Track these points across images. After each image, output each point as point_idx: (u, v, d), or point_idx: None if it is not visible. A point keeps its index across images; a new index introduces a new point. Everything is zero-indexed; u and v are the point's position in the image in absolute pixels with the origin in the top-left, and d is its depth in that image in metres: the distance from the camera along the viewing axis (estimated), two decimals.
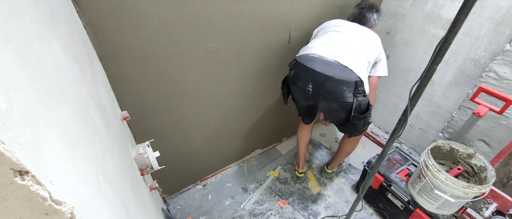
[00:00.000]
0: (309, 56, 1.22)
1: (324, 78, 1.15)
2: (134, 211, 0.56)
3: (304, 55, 1.25)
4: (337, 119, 1.32)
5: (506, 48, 1.28)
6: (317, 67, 1.16)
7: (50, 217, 0.24)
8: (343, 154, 1.67)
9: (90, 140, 0.42)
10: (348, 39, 1.26)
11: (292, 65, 1.28)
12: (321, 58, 1.19)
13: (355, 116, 1.20)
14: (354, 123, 1.24)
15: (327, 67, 1.16)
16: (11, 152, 0.20)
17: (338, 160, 1.74)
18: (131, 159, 0.80)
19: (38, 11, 0.38)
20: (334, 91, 1.15)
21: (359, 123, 1.25)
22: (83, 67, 0.58)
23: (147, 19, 0.94)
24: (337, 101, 1.18)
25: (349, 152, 1.64)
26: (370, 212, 1.63)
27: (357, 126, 1.27)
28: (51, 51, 0.38)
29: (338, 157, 1.72)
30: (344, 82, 1.13)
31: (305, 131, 1.66)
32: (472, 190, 1.12)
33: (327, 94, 1.17)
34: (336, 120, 1.34)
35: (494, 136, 1.43)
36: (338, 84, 1.14)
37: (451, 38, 0.59)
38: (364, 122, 1.26)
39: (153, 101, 1.17)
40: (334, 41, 1.26)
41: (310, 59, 1.21)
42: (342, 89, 1.14)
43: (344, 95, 1.15)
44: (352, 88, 1.14)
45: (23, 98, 0.24)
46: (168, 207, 1.61)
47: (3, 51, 0.23)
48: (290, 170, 1.88)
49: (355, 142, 1.56)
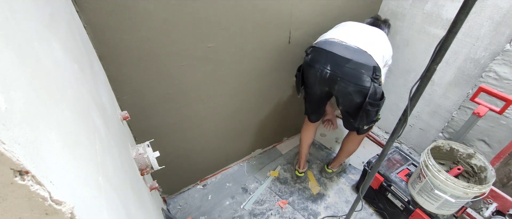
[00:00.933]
0: (328, 40, 1.24)
1: (344, 60, 1.15)
2: (134, 211, 0.56)
3: (322, 40, 1.26)
4: (351, 104, 1.27)
5: (506, 48, 1.28)
6: (336, 50, 1.17)
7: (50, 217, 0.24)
8: (345, 154, 1.66)
9: (90, 140, 0.42)
10: (367, 31, 1.31)
11: (308, 51, 1.28)
12: (341, 42, 1.21)
13: (369, 102, 1.19)
14: (367, 110, 1.22)
15: (346, 51, 1.17)
16: (11, 152, 0.20)
17: (339, 160, 1.74)
18: (131, 159, 0.80)
19: (38, 11, 0.38)
20: (352, 73, 1.15)
21: (372, 110, 1.23)
22: (83, 67, 0.58)
23: (147, 19, 0.94)
24: (354, 84, 1.17)
25: (352, 151, 1.63)
26: (370, 212, 1.63)
27: (369, 114, 1.25)
28: (51, 51, 0.38)
29: (339, 157, 1.71)
30: (363, 65, 1.13)
31: (310, 131, 1.65)
32: (472, 190, 1.12)
33: (345, 75, 1.17)
34: (350, 105, 1.30)
35: (494, 136, 1.43)
36: (357, 66, 1.14)
37: (451, 38, 0.59)
38: (377, 111, 1.26)
39: (153, 101, 1.17)
40: (353, 29, 1.30)
41: (329, 42, 1.22)
42: (361, 71, 1.14)
43: (362, 78, 1.15)
44: (370, 73, 1.14)
45: (23, 98, 0.24)
46: (168, 207, 1.61)
47: (3, 51, 0.23)
48: (290, 170, 1.88)
49: (358, 141, 1.56)
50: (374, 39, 1.27)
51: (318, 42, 1.28)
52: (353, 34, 1.26)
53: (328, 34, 1.29)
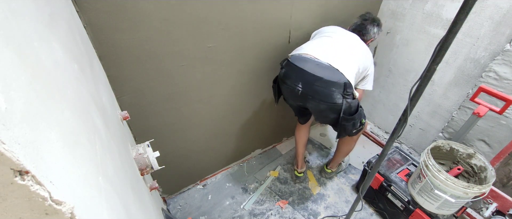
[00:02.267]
0: (301, 56, 1.23)
1: (314, 78, 1.15)
2: (134, 211, 0.56)
3: (296, 54, 1.25)
4: (326, 120, 1.32)
5: (506, 48, 1.28)
6: (308, 67, 1.17)
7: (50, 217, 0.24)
8: (341, 154, 1.67)
9: (90, 140, 0.42)
10: (342, 45, 1.29)
11: (283, 64, 1.28)
12: (313, 59, 1.20)
13: (343, 117, 1.21)
14: (343, 124, 1.24)
15: (317, 68, 1.16)
16: (11, 152, 0.20)
17: (336, 160, 1.74)
18: (131, 159, 0.80)
19: (38, 11, 0.38)
20: (323, 91, 1.16)
21: (348, 124, 1.25)
22: (83, 67, 0.58)
23: (147, 19, 0.94)
24: (325, 102, 1.18)
25: (347, 152, 1.64)
26: (370, 212, 1.63)
27: (346, 128, 1.27)
28: (51, 51, 0.38)
29: (336, 157, 1.72)
30: (333, 83, 1.14)
31: (302, 131, 1.66)
32: (472, 190, 1.12)
33: (316, 94, 1.18)
34: (325, 121, 1.35)
35: (494, 136, 1.43)
36: (327, 84, 1.14)
37: (451, 38, 0.59)
38: (353, 124, 1.26)
39: (153, 101, 1.17)
40: (327, 44, 1.28)
41: (302, 59, 1.21)
42: (331, 90, 1.15)
43: (333, 96, 1.16)
44: (341, 90, 1.15)
45: (23, 98, 0.24)
46: (168, 207, 1.61)
47: (3, 51, 0.23)
48: (290, 170, 1.88)
49: (352, 142, 1.56)
50: (350, 52, 1.27)
51: (292, 55, 1.27)
52: (327, 49, 1.25)
53: (303, 48, 1.28)
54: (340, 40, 1.31)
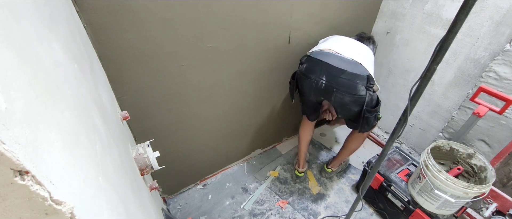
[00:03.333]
0: (323, 51, 1.28)
1: (339, 71, 1.19)
2: (134, 211, 0.56)
3: (317, 50, 1.30)
4: (349, 113, 1.33)
5: (506, 48, 1.28)
6: (331, 61, 1.21)
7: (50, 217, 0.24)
8: (347, 152, 1.65)
9: (90, 140, 0.42)
10: (358, 45, 1.37)
11: (303, 60, 1.31)
12: (336, 54, 1.26)
13: (367, 109, 1.24)
14: (366, 117, 1.27)
15: (341, 62, 1.21)
16: (11, 152, 0.20)
17: (339, 159, 1.73)
18: (131, 159, 0.80)
19: (38, 11, 0.38)
20: (348, 84, 1.19)
21: (371, 116, 1.29)
22: (83, 67, 0.58)
23: (147, 18, 0.94)
24: (350, 94, 1.21)
25: (354, 149, 1.63)
26: (370, 212, 1.63)
27: (369, 120, 1.30)
28: (51, 51, 0.38)
29: (341, 156, 1.71)
30: (357, 75, 1.18)
31: (308, 129, 1.66)
32: (472, 190, 1.12)
33: (341, 86, 1.20)
34: (348, 114, 1.36)
35: (494, 136, 1.43)
36: (352, 77, 1.18)
37: (451, 38, 0.59)
38: (375, 116, 1.31)
39: (153, 101, 1.17)
40: (346, 42, 1.36)
41: (324, 53, 1.26)
42: (356, 82, 1.18)
43: (357, 88, 1.19)
44: (364, 82, 1.19)
45: (23, 98, 0.24)
46: (168, 207, 1.61)
47: (3, 51, 0.23)
48: (290, 170, 1.88)
49: (361, 139, 1.57)
50: (364, 53, 1.34)
51: (313, 51, 1.31)
52: (346, 46, 1.32)
53: (323, 45, 1.33)
54: (354, 41, 1.40)
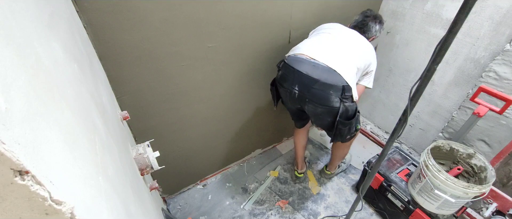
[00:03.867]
0: (297, 57, 1.18)
1: (311, 81, 1.11)
2: (134, 211, 0.56)
3: (292, 55, 1.21)
4: (323, 123, 1.29)
5: (506, 48, 1.28)
6: (304, 69, 1.12)
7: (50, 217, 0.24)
8: (337, 158, 1.66)
9: (90, 140, 0.42)
10: (340, 43, 1.23)
11: (280, 65, 1.24)
12: (309, 60, 1.15)
13: (340, 121, 1.17)
14: (339, 128, 1.21)
15: (314, 69, 1.12)
16: (11, 152, 0.20)
17: (334, 164, 1.74)
18: (131, 159, 0.80)
19: (38, 11, 0.38)
20: (320, 94, 1.12)
21: (344, 128, 1.22)
22: (83, 67, 0.58)
23: (147, 19, 0.94)
24: (323, 105, 1.15)
25: (342, 156, 1.63)
26: (370, 212, 1.63)
27: (342, 132, 1.24)
28: (51, 51, 0.38)
29: (333, 161, 1.72)
30: (331, 86, 1.09)
31: (300, 135, 1.64)
32: (472, 190, 1.12)
33: (313, 97, 1.14)
34: (322, 124, 1.32)
35: (494, 136, 1.43)
36: (325, 87, 1.10)
37: (451, 38, 0.59)
38: (349, 129, 1.23)
39: (153, 101, 1.17)
40: (324, 43, 1.22)
41: (297, 60, 1.17)
42: (329, 93, 1.11)
43: (330, 99, 1.12)
44: (339, 93, 1.11)
45: (23, 98, 0.24)
46: (168, 207, 1.61)
47: (3, 51, 0.23)
48: (290, 170, 1.88)
49: (345, 148, 1.54)
50: (349, 50, 1.20)
51: (288, 57, 1.22)
52: (324, 48, 1.19)
53: (299, 48, 1.22)
54: (338, 37, 1.24)
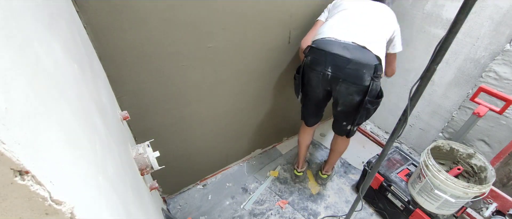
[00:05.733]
0: (325, 39, 1.19)
1: (344, 61, 1.12)
2: (134, 211, 0.56)
3: (319, 39, 1.21)
4: (351, 103, 1.26)
5: (506, 48, 1.28)
6: (335, 50, 1.13)
7: (50, 217, 0.24)
8: (338, 155, 1.63)
9: (90, 140, 0.42)
10: (362, 17, 1.23)
11: (307, 51, 1.24)
12: (338, 41, 1.16)
13: (368, 100, 1.18)
14: (367, 108, 1.21)
15: (345, 50, 1.13)
16: (11, 152, 0.20)
17: (331, 163, 1.70)
18: (131, 159, 0.80)
19: (38, 11, 0.38)
20: (354, 73, 1.13)
21: (372, 108, 1.23)
22: (83, 67, 0.58)
23: (147, 18, 0.94)
24: (356, 84, 1.16)
25: (343, 151, 1.60)
26: (370, 212, 1.63)
27: (369, 111, 1.25)
28: (51, 51, 0.38)
29: (332, 159, 1.68)
30: (364, 65, 1.11)
31: (307, 134, 1.62)
32: (472, 190, 1.12)
33: (348, 76, 1.15)
34: (349, 105, 1.27)
35: (494, 136, 1.43)
36: (358, 66, 1.11)
37: (451, 38, 0.59)
38: (375, 109, 1.25)
39: (153, 101, 1.17)
40: (348, 20, 1.23)
41: (326, 42, 1.18)
42: (362, 71, 1.12)
43: (363, 77, 1.13)
44: (371, 71, 1.13)
45: (23, 98, 0.24)
46: (168, 207, 1.61)
47: (3, 51, 0.23)
48: (290, 170, 1.88)
49: (346, 142, 1.54)
50: (372, 25, 1.21)
51: (315, 41, 1.22)
52: (349, 26, 1.20)
53: (324, 31, 1.23)
54: (359, 13, 1.24)
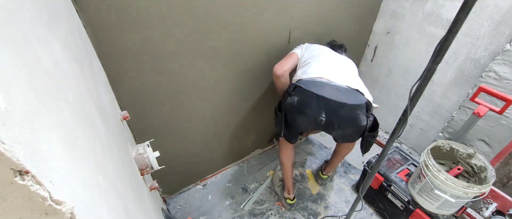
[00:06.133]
0: (315, 80, 1.14)
1: (338, 106, 1.08)
2: (134, 211, 0.56)
3: (308, 79, 1.15)
4: (349, 140, 1.31)
5: (506, 48, 1.28)
6: (328, 94, 1.09)
7: (50, 217, 0.24)
8: (341, 157, 1.64)
9: (90, 140, 0.42)
10: (341, 63, 1.29)
11: (292, 91, 1.15)
12: (330, 83, 1.14)
13: (368, 135, 1.18)
14: (369, 141, 1.22)
15: (338, 93, 1.10)
16: (11, 152, 0.20)
17: (334, 165, 1.71)
18: (131, 159, 0.80)
19: (37, 11, 0.38)
20: (349, 116, 1.11)
21: (372, 139, 1.24)
22: (83, 66, 0.58)
23: (147, 18, 0.94)
24: (353, 126, 1.15)
25: (346, 154, 1.61)
26: (370, 212, 1.63)
27: (370, 143, 1.25)
28: (51, 51, 0.38)
29: (335, 162, 1.67)
30: (357, 106, 1.10)
31: (290, 151, 1.50)
32: (472, 190, 1.12)
33: (343, 120, 1.12)
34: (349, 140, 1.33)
35: (494, 136, 1.43)
36: (353, 109, 1.10)
37: (451, 38, 0.59)
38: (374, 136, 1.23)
39: (153, 101, 1.17)
40: (333, 64, 1.24)
41: (317, 84, 1.13)
42: (356, 113, 1.11)
43: (359, 118, 1.12)
44: (364, 111, 1.12)
45: (23, 98, 0.24)
46: (168, 207, 1.61)
47: (3, 51, 0.23)
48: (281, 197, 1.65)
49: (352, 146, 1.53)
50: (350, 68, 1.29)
51: (302, 80, 1.15)
52: (337, 70, 1.21)
53: (313, 71, 1.18)
54: (335, 57, 1.30)
